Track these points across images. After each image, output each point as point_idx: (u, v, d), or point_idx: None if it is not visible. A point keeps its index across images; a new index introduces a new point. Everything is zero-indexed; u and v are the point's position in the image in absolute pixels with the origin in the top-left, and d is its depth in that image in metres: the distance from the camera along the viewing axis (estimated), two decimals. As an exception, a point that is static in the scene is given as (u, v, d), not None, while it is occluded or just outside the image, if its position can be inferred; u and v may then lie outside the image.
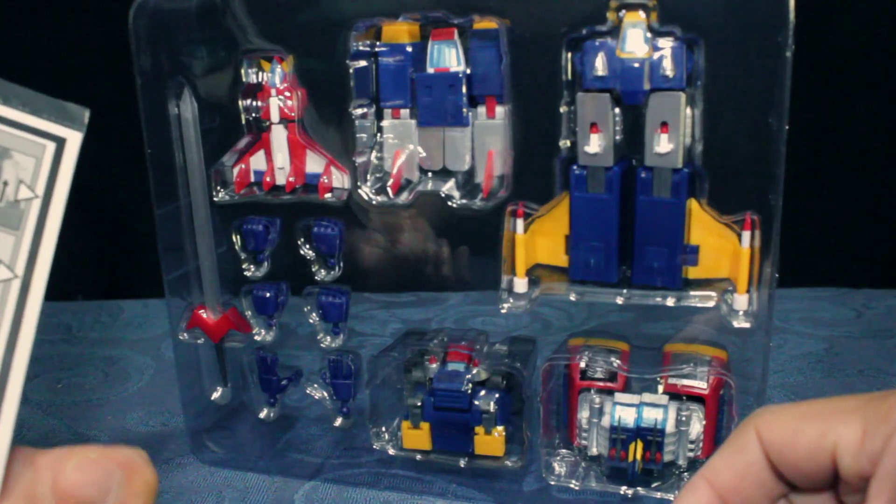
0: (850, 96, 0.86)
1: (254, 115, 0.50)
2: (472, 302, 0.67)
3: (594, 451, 0.51)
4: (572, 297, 0.47)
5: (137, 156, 0.52)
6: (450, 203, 0.48)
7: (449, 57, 0.47)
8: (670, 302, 0.46)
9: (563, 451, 0.52)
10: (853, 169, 0.89)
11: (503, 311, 0.48)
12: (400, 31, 0.47)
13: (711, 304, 0.46)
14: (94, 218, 0.98)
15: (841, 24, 0.84)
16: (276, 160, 0.50)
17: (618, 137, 0.45)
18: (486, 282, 0.49)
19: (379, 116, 0.49)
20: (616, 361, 0.50)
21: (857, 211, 0.90)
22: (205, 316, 0.54)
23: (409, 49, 0.47)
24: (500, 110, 0.47)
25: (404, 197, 0.49)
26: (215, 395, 0.56)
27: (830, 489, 0.34)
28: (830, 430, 0.32)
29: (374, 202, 0.49)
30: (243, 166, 0.51)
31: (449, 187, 0.49)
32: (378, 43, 0.48)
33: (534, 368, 0.52)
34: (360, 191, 0.49)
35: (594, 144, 0.44)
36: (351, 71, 0.48)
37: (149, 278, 0.56)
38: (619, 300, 0.47)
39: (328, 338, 0.53)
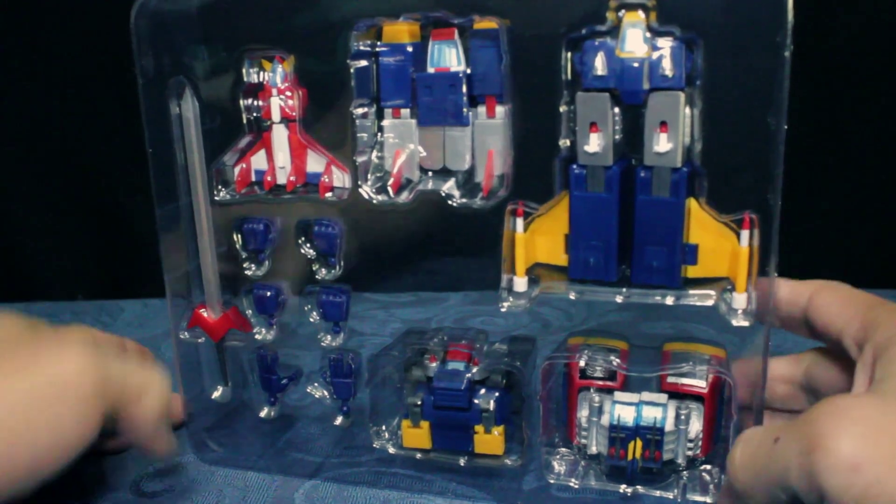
0: (851, 96, 0.86)
1: (255, 114, 0.50)
2: (472, 302, 0.67)
3: (593, 449, 0.51)
4: (572, 296, 0.47)
5: (137, 156, 0.51)
6: (450, 202, 0.48)
7: (449, 57, 0.47)
8: (669, 301, 0.46)
9: (563, 449, 0.53)
10: (853, 169, 0.89)
11: (503, 309, 0.48)
12: (400, 30, 0.48)
13: (710, 302, 0.46)
14: (94, 218, 0.98)
15: (840, 24, 0.84)
16: (278, 160, 0.50)
17: (617, 137, 0.45)
18: (485, 281, 0.49)
19: (379, 116, 0.49)
20: (615, 360, 0.50)
21: (857, 211, 0.90)
22: (205, 315, 0.54)
23: (410, 49, 0.48)
24: (500, 110, 0.47)
25: (404, 196, 0.49)
26: (216, 395, 0.56)
27: None
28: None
29: (374, 201, 0.49)
30: (244, 166, 0.51)
31: (449, 186, 0.49)
32: (378, 43, 0.48)
33: (534, 367, 0.52)
34: (360, 190, 0.49)
35: (594, 144, 0.45)
36: (352, 71, 0.48)
37: (149, 278, 0.56)
38: (619, 299, 0.47)
39: (328, 337, 0.53)
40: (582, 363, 0.51)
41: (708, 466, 0.50)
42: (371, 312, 0.56)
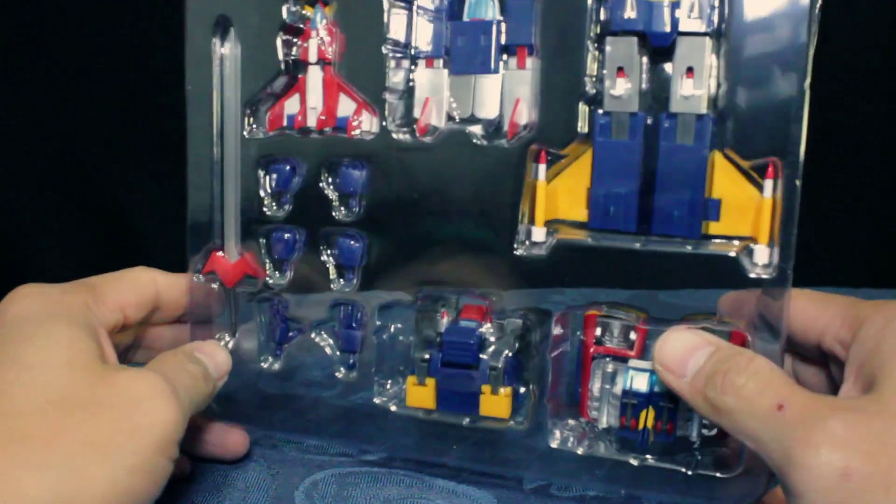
0: (850, 96, 0.87)
1: (292, 57, 0.52)
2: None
3: (604, 422, 0.49)
4: (590, 241, 0.47)
5: (137, 156, 0.52)
6: (474, 140, 0.48)
7: (486, 9, 0.49)
8: (689, 248, 0.45)
9: (571, 421, 0.50)
10: (853, 169, 0.89)
11: (518, 252, 0.48)
12: (439, -16, 0.50)
13: (732, 253, 0.44)
14: (94, 218, 0.98)
15: (841, 25, 0.84)
16: (310, 100, 0.51)
17: (644, 86, 0.46)
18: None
19: (413, 64, 0.50)
20: (633, 332, 0.49)
21: (857, 211, 0.89)
22: (222, 257, 0.54)
23: (447, 1, 0.49)
24: (530, 61, 0.48)
25: (429, 139, 0.50)
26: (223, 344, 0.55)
27: None
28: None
29: (399, 141, 0.50)
30: (276, 110, 0.52)
31: (475, 130, 0.49)
32: (417, -7, 0.50)
33: (548, 337, 0.51)
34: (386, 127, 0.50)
35: (620, 87, 0.45)
36: (388, 20, 0.49)
37: None
38: (637, 245, 0.46)
39: (341, 281, 0.53)
40: (598, 331, 0.49)
41: (726, 450, 0.47)
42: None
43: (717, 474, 0.46)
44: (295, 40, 0.51)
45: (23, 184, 0.98)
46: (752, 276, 0.44)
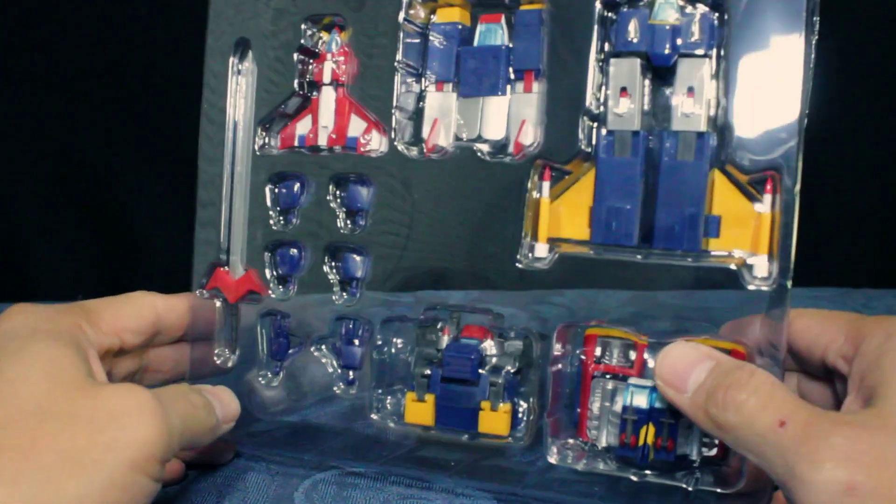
0: (851, 97, 0.88)
1: (308, 78, 0.54)
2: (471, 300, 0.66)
3: (603, 442, 0.48)
4: (592, 254, 0.48)
5: (137, 155, 0.53)
6: (479, 155, 0.50)
7: (495, 37, 0.51)
8: (689, 261, 0.46)
9: (571, 441, 0.50)
10: (853, 168, 0.89)
11: (520, 266, 0.48)
12: (452, 12, 0.52)
13: (732, 265, 0.45)
14: (95, 218, 0.98)
15: (841, 26, 0.86)
16: (322, 119, 0.53)
17: (646, 107, 0.47)
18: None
19: (423, 88, 0.52)
20: (632, 350, 0.49)
21: (857, 211, 0.89)
22: (226, 272, 0.54)
23: (459, 27, 0.52)
24: (536, 85, 0.50)
25: (436, 156, 0.51)
26: (219, 361, 0.55)
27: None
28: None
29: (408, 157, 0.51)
30: (289, 131, 0.54)
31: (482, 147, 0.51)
32: (431, 20, 0.52)
33: (548, 358, 0.51)
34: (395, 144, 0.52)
35: (623, 106, 0.47)
36: (402, 45, 0.52)
37: (149, 278, 0.56)
38: (639, 257, 0.47)
39: (344, 295, 0.53)
40: (598, 352, 0.50)
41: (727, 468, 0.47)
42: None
43: (719, 490, 0.45)
44: (311, 62, 0.53)
45: (23, 184, 0.98)
46: (752, 287, 0.44)
